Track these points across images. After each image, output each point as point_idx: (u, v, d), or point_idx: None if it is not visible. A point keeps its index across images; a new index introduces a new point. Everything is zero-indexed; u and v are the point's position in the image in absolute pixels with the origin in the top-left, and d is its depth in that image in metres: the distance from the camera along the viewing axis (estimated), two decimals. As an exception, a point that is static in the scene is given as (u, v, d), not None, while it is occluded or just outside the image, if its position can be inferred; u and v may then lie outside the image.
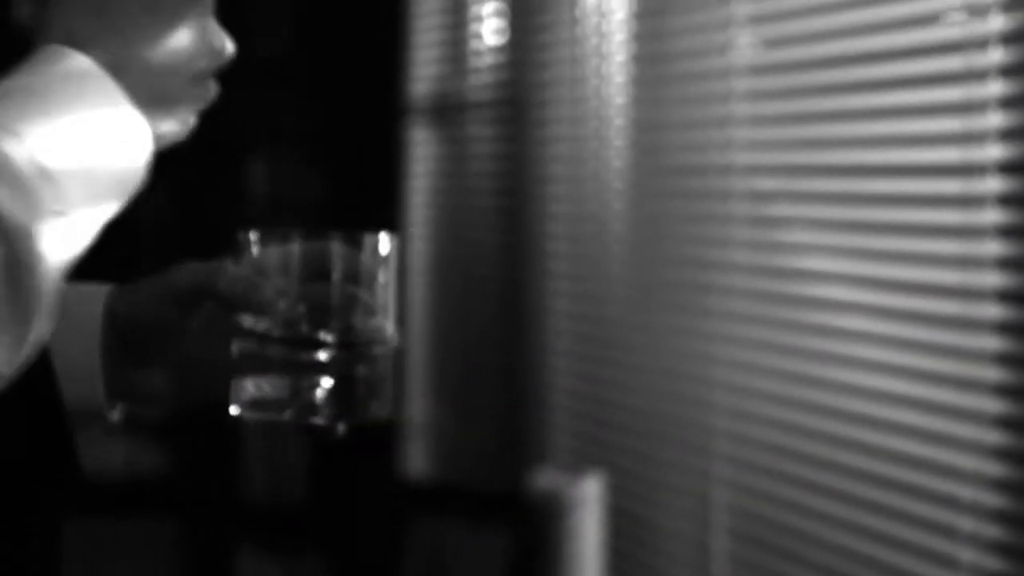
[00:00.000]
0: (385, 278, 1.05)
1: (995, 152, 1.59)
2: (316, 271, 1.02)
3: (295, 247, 1.03)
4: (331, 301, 1.03)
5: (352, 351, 1.03)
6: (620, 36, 2.34)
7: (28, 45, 0.92)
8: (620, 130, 2.34)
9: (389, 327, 1.05)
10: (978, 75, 1.60)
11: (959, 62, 1.62)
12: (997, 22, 1.59)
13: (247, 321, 1.03)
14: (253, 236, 1.03)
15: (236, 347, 1.04)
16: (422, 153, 2.92)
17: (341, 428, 1.04)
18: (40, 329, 0.83)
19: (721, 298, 2.04)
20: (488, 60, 2.72)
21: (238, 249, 1.04)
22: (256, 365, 1.03)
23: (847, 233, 1.83)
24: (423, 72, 2.91)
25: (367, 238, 1.04)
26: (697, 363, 2.09)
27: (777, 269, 1.95)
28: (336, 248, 1.03)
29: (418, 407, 2.92)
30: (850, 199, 1.82)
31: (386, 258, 1.05)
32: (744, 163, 2.01)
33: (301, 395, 1.03)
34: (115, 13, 0.93)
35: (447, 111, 2.83)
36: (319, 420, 1.04)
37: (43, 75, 0.90)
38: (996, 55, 1.59)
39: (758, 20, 1.99)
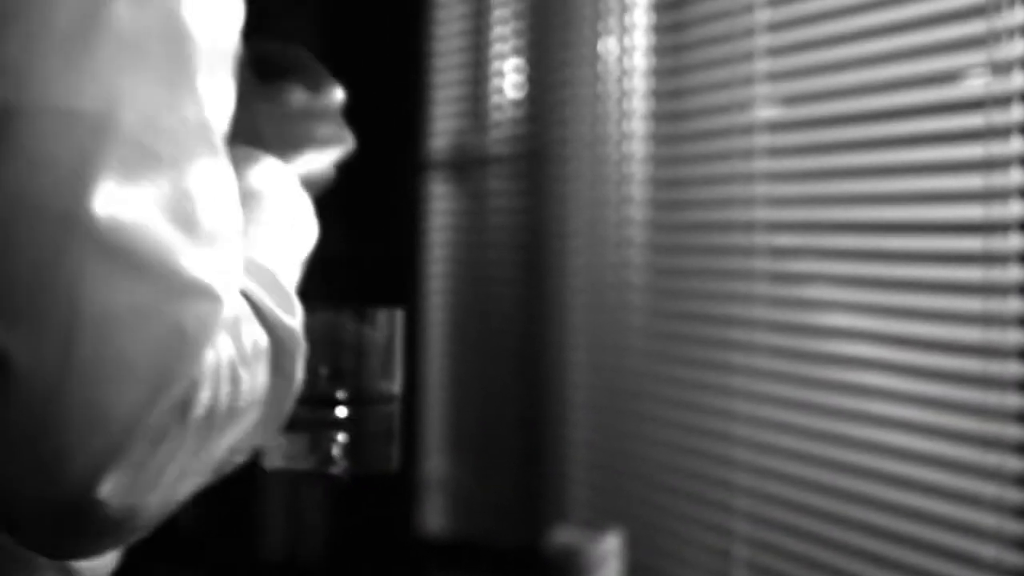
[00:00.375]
0: (392, 347, 1.18)
1: (1017, 210, 1.59)
2: (332, 340, 1.17)
3: (314, 319, 1.13)
4: (344, 367, 1.17)
5: (363, 410, 1.16)
6: (641, 93, 2.34)
7: None
8: (641, 185, 2.34)
9: (395, 388, 1.18)
10: (1000, 132, 1.60)
11: (981, 120, 1.62)
12: (1019, 80, 1.59)
13: None
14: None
15: None
16: (441, 207, 2.92)
17: (348, 476, 1.17)
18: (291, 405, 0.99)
19: (742, 354, 2.04)
20: (508, 115, 2.73)
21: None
22: None
23: (868, 290, 1.83)
24: (443, 126, 2.92)
25: (378, 313, 1.19)
26: (718, 419, 2.09)
27: (798, 325, 1.95)
28: (349, 322, 1.18)
29: (436, 462, 2.91)
30: (872, 256, 1.82)
31: (393, 330, 1.19)
32: (765, 219, 2.01)
33: (320, 448, 1.16)
34: (286, 123, 1.15)
35: (467, 165, 2.84)
36: (335, 471, 1.17)
37: (259, 179, 1.08)
38: (1018, 113, 1.59)
39: (779, 77, 2.00)
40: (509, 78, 2.73)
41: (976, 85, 1.65)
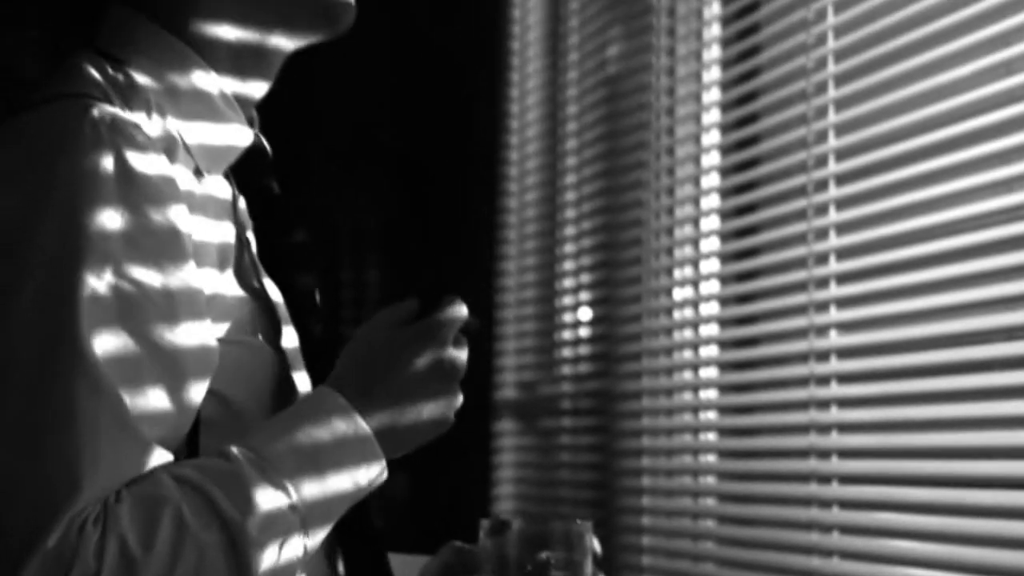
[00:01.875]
0: (587, 552, 1.37)
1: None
2: (537, 546, 1.36)
3: (520, 529, 1.39)
4: (549, 570, 1.36)
5: None
6: (713, 343, 2.37)
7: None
8: (714, 433, 2.35)
9: None
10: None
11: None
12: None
13: None
14: (488, 523, 1.41)
15: None
16: (510, 444, 2.94)
17: None
18: None
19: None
20: (580, 362, 2.74)
21: (480, 532, 1.41)
22: None
23: (941, 516, 1.81)
24: (511, 377, 2.94)
25: (574, 524, 1.38)
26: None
27: (872, 553, 1.92)
28: (553, 530, 1.37)
29: None
30: (945, 482, 1.82)
31: (587, 539, 1.37)
32: (838, 471, 2.01)
33: None
34: (378, 392, 1.33)
35: (538, 411, 2.85)
36: None
37: (306, 411, 1.27)
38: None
39: (849, 327, 2.01)
40: (581, 329, 2.75)
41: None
